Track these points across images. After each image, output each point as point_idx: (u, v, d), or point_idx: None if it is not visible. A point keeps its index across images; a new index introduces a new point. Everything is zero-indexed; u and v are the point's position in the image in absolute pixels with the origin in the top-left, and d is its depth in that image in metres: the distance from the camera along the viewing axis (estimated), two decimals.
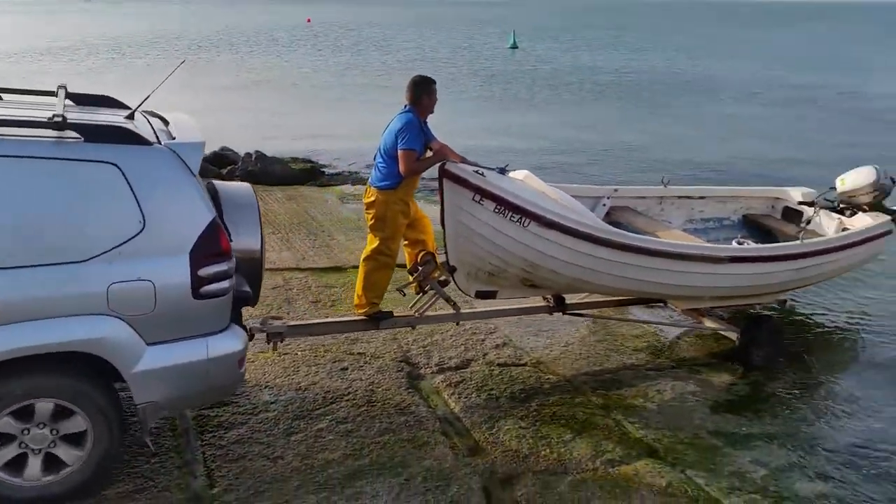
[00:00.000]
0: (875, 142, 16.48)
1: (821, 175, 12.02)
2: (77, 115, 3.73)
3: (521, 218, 4.90)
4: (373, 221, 5.10)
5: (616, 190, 6.97)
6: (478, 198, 4.82)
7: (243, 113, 17.64)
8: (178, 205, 3.61)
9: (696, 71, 31.75)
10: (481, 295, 5.38)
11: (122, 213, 3.48)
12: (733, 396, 5.47)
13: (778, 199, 7.51)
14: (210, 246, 3.62)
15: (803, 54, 42.44)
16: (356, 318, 5.34)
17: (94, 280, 3.43)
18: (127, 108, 4.17)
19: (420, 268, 5.25)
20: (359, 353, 5.64)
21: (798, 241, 6.25)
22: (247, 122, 16.37)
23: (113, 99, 4.40)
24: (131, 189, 3.48)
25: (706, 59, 37.98)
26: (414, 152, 4.89)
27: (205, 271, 3.59)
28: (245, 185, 4.46)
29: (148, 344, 3.57)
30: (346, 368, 5.40)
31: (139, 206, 3.49)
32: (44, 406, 3.48)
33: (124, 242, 3.47)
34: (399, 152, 4.85)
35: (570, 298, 5.94)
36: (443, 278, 5.32)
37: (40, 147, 3.42)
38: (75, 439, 3.60)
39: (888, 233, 6.75)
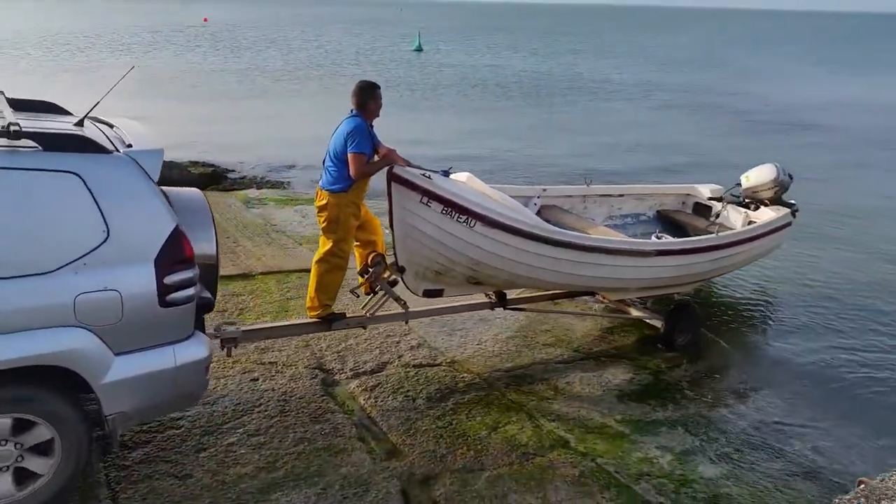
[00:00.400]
0: (755, 140, 17.61)
1: (713, 170, 12.72)
2: (26, 123, 3.56)
3: (467, 218, 5.08)
4: (325, 224, 5.13)
5: (545, 190, 7.25)
6: (425, 200, 4.95)
7: (138, 116, 16.84)
8: (140, 213, 3.56)
9: (593, 73, 32.89)
10: (429, 294, 5.50)
11: (85, 223, 3.42)
12: (637, 386, 5.69)
13: (688, 195, 8.04)
14: (174, 253, 3.60)
15: (690, 56, 44.79)
16: (309, 320, 5.35)
17: (60, 291, 3.36)
18: (69, 114, 4.06)
19: (370, 269, 5.31)
20: (270, 363, 5.51)
21: (714, 235, 6.70)
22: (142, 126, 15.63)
23: (54, 105, 4.25)
24: (94, 198, 3.42)
25: (600, 61, 39.44)
26: (364, 155, 4.95)
27: (170, 279, 3.58)
28: (196, 191, 4.34)
29: (115, 354, 3.52)
30: (257, 379, 5.26)
31: (102, 215, 3.44)
32: (2, 422, 3.38)
33: (89, 252, 3.41)
34: (349, 155, 4.91)
35: (510, 294, 6.18)
36: (392, 278, 5.38)
37: (5, 157, 3.30)
38: (45, 448, 3.51)
39: (788, 224, 7.39)
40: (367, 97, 5.13)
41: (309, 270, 5.41)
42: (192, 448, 4.38)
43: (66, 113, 4.14)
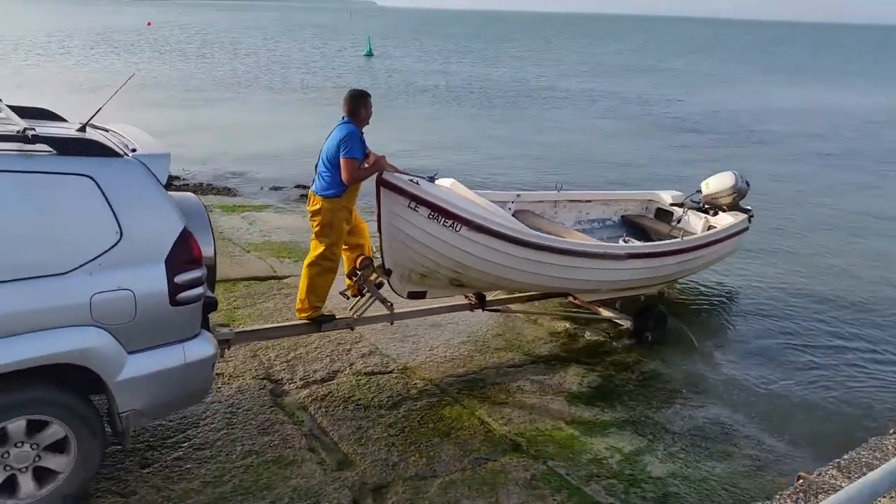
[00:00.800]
0: (698, 148, 18.08)
1: (661, 176, 13.00)
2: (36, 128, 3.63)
3: (452, 223, 5.26)
4: (318, 228, 5.27)
5: (519, 195, 7.49)
6: (413, 205, 5.11)
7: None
8: (151, 214, 3.65)
9: (540, 80, 33.32)
10: (413, 295, 5.67)
11: (99, 225, 3.50)
12: (587, 388, 5.76)
13: (651, 201, 8.40)
14: (184, 253, 3.70)
15: (628, 63, 45.80)
16: (300, 322, 5.47)
17: (77, 291, 3.43)
18: (63, 119, 4.17)
19: (358, 272, 5.49)
20: (216, 374, 5.39)
21: (679, 239, 7.08)
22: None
23: (49, 111, 4.32)
24: (107, 200, 3.51)
25: (548, 67, 40.02)
26: (356, 161, 5.08)
27: (180, 278, 3.67)
28: (192, 195, 4.38)
29: (129, 352, 3.59)
30: None
31: (115, 217, 3.52)
32: (14, 426, 3.44)
33: (103, 253, 3.49)
34: (342, 161, 5.04)
35: (489, 296, 6.42)
36: (378, 281, 5.53)
37: (14, 161, 3.36)
38: (61, 446, 3.59)
39: (746, 229, 7.78)
40: (359, 105, 5.26)
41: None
42: (135, 464, 4.25)
43: (61, 119, 4.21)
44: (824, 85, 36.98)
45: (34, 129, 3.45)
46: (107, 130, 4.08)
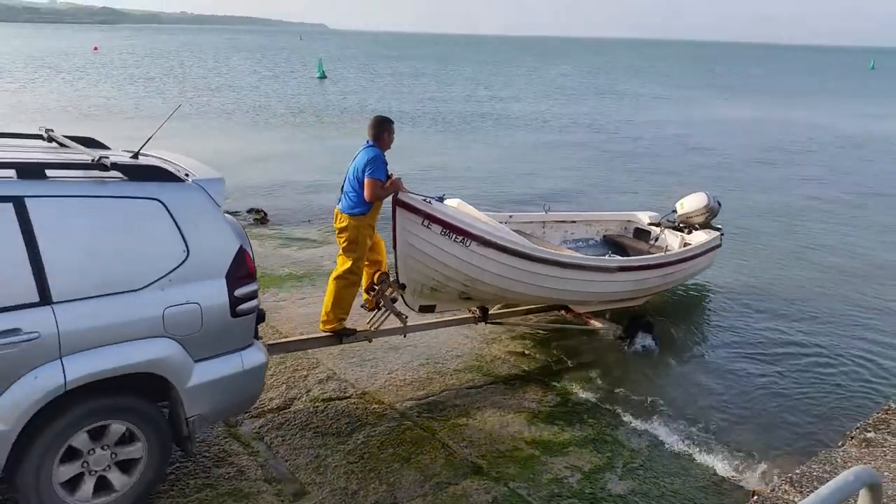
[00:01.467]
0: (648, 168, 18.47)
1: (605, 194, 13.17)
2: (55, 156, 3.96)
3: (463, 239, 5.72)
4: (346, 244, 5.62)
5: (511, 216, 7.90)
6: (426, 223, 5.57)
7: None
8: (212, 233, 3.95)
9: (492, 102, 33.70)
10: (423, 309, 6.11)
11: (169, 244, 3.81)
12: (546, 407, 5.78)
13: (629, 221, 8.93)
14: (241, 269, 4.02)
15: (579, 85, 46.74)
16: (323, 334, 5.81)
17: (151, 305, 3.72)
18: (108, 147, 4.42)
19: (376, 286, 5.88)
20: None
21: (663, 253, 7.65)
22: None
23: (96, 140, 4.57)
24: (175, 221, 3.82)
25: (498, 90, 40.54)
26: (379, 181, 5.45)
27: (239, 291, 3.99)
28: (230, 217, 4.56)
29: (195, 361, 3.87)
30: None
31: (182, 236, 3.83)
32: (117, 428, 3.74)
33: (173, 270, 3.79)
34: (366, 180, 5.42)
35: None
36: (393, 295, 5.91)
37: (93, 187, 3.67)
38: (127, 466, 3.83)
39: (719, 246, 8.42)
40: (382, 130, 5.68)
41: None
42: None
43: (105, 146, 4.48)
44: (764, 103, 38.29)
45: (108, 157, 3.76)
46: (157, 157, 4.29)
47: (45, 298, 3.45)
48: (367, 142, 5.67)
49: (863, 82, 63.71)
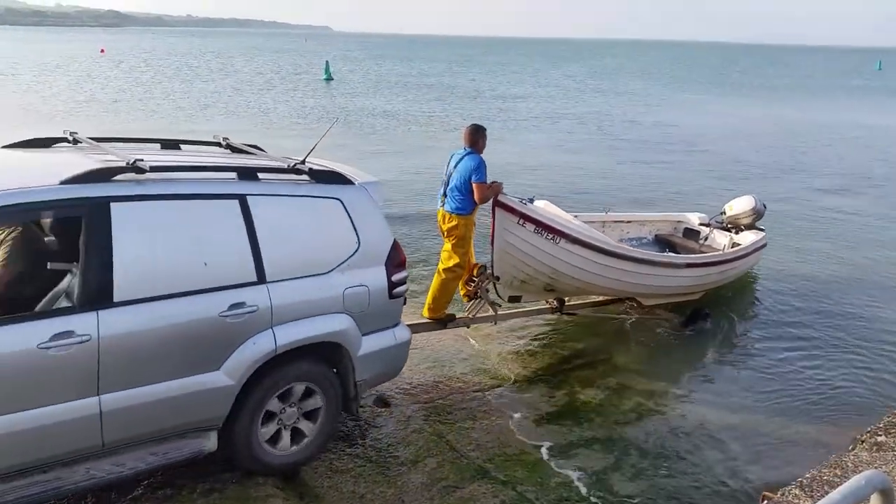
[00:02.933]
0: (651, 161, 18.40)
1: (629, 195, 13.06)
2: (256, 162, 4.62)
3: (553, 236, 6.43)
4: (455, 241, 6.25)
5: (576, 216, 8.04)
6: (521, 222, 6.31)
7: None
8: (375, 228, 4.63)
9: (504, 102, 33.66)
10: (512, 299, 6.79)
11: (346, 236, 4.49)
12: (554, 407, 5.77)
13: (679, 221, 9.53)
14: (396, 258, 4.69)
15: (587, 85, 46.64)
16: (426, 320, 6.41)
17: (334, 286, 4.39)
18: (265, 152, 5.05)
19: (475, 279, 6.59)
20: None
21: (722, 252, 8.34)
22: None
23: (260, 148, 5.15)
24: (350, 217, 4.50)
25: (511, 88, 40.47)
26: (485, 184, 6.08)
27: (395, 277, 4.65)
28: None
29: (362, 334, 4.53)
30: None
31: (355, 229, 4.51)
32: (299, 388, 4.40)
33: (349, 257, 4.48)
34: (475, 185, 6.04)
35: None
36: (487, 286, 6.56)
37: (293, 188, 4.38)
38: (311, 415, 4.53)
39: (765, 245, 9.00)
40: (479, 137, 6.26)
41: None
42: None
43: (264, 152, 5.06)
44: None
45: (303, 163, 4.49)
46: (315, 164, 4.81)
47: (261, 278, 4.11)
48: (466, 149, 6.22)
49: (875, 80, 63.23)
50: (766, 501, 3.44)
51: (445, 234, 6.33)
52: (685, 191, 14.71)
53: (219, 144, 5.10)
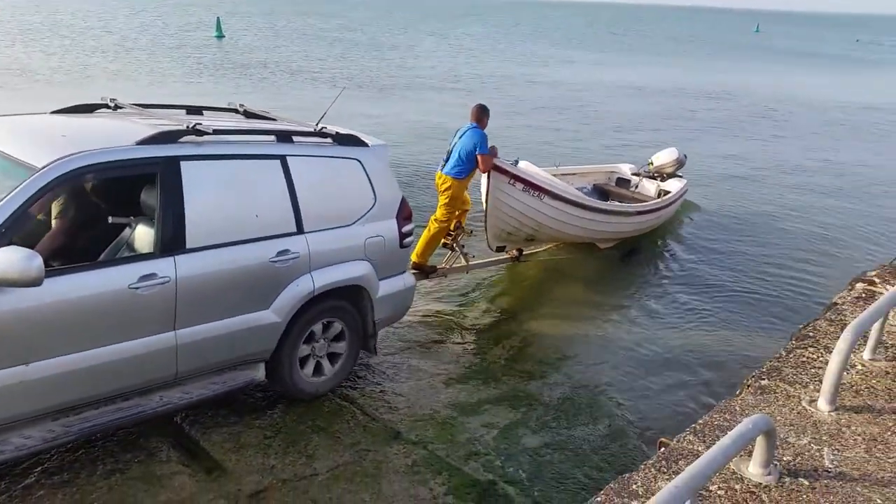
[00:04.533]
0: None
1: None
2: (287, 126, 5.09)
3: (538, 193, 7.53)
4: (447, 200, 7.23)
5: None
6: (512, 181, 7.34)
7: None
8: (387, 185, 5.22)
9: (402, 61, 33.22)
10: (498, 249, 7.89)
11: (365, 192, 5.08)
12: (462, 368, 5.88)
13: (613, 172, 10.89)
14: (404, 211, 5.31)
15: (480, 47, 46.74)
16: (413, 270, 6.72)
17: (358, 237, 4.99)
18: (275, 120, 5.40)
19: (452, 232, 7.37)
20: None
21: (659, 199, 9.63)
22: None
23: (270, 114, 5.52)
24: (367, 176, 5.08)
25: (405, 51, 39.97)
26: (487, 156, 7.10)
27: (405, 228, 5.28)
28: None
29: (379, 279, 5.12)
30: None
31: (372, 187, 5.11)
32: (336, 326, 5.06)
33: (368, 211, 5.07)
34: (479, 156, 7.07)
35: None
36: (463, 242, 7.54)
37: (319, 149, 4.92)
38: (333, 358, 5.16)
39: (687, 191, 10.42)
40: (483, 115, 7.30)
41: None
42: None
43: (275, 119, 5.41)
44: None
45: (325, 127, 5.04)
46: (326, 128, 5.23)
47: (300, 229, 4.68)
48: (472, 124, 7.22)
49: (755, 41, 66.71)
50: (662, 449, 3.65)
51: (441, 192, 7.29)
52: (587, 147, 15.13)
53: (235, 111, 5.48)
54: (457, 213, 7.40)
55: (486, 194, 7.29)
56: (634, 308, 7.50)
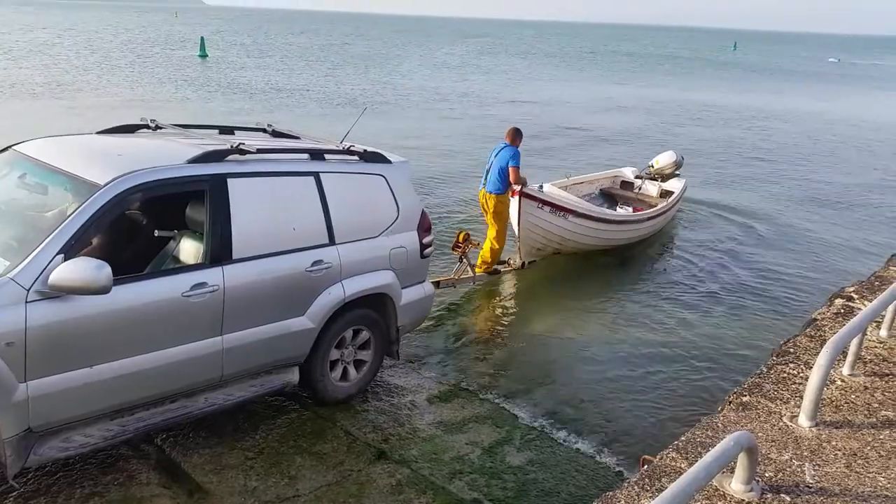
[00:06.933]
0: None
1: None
2: (317, 145, 5.40)
3: (563, 213, 8.55)
4: (495, 215, 8.26)
5: (551, 184, 9.76)
6: (540, 206, 8.36)
7: None
8: (409, 199, 5.53)
9: (384, 82, 33.33)
10: (528, 265, 8.73)
11: (389, 206, 5.38)
12: (446, 386, 5.86)
13: (616, 176, 11.71)
14: (425, 224, 5.64)
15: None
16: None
17: (383, 248, 5.29)
18: (298, 138, 5.70)
19: (461, 244, 7.83)
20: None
21: (665, 203, 10.43)
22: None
23: (294, 133, 5.78)
24: (391, 191, 5.39)
25: (391, 72, 40.10)
26: (519, 169, 8.10)
27: (425, 240, 5.60)
28: None
29: (402, 287, 5.41)
30: None
31: (396, 202, 5.41)
32: (364, 335, 5.36)
33: (392, 224, 5.37)
34: (511, 168, 8.07)
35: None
36: (470, 251, 7.99)
37: (349, 166, 5.23)
38: (358, 365, 5.43)
39: (686, 189, 11.32)
40: (517, 136, 8.33)
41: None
42: None
43: (298, 138, 5.70)
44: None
45: (353, 145, 5.37)
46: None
47: (332, 240, 4.98)
48: (505, 143, 8.25)
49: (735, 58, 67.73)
50: (645, 466, 3.65)
51: (489, 210, 8.26)
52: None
53: (264, 130, 5.72)
54: (497, 226, 8.29)
55: (518, 217, 8.17)
56: (619, 323, 7.53)
